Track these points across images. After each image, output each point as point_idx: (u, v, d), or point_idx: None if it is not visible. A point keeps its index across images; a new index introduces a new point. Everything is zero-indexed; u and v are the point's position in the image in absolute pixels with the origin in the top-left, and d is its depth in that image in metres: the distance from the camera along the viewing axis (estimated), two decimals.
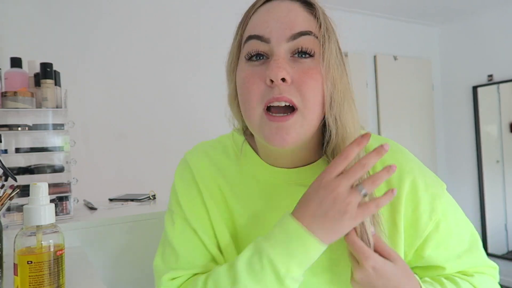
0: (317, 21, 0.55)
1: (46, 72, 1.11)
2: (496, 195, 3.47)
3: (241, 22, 0.60)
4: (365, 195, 0.50)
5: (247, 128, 0.66)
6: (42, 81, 1.10)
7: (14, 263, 0.60)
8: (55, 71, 1.14)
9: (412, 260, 0.62)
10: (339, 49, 0.58)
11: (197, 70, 2.55)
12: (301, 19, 0.54)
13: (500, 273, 3.31)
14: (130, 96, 2.34)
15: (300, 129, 0.53)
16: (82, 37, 2.21)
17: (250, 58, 0.56)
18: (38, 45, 2.08)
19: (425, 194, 0.60)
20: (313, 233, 0.50)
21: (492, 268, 0.66)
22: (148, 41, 2.41)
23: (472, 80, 3.53)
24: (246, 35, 0.57)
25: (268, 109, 0.54)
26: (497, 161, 3.47)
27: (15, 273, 0.59)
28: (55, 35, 2.14)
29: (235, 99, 0.61)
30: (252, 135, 0.66)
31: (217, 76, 2.71)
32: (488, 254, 3.40)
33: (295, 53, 0.54)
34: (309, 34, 0.54)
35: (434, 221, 0.61)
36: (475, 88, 3.50)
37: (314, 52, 0.54)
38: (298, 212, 0.52)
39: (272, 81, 0.52)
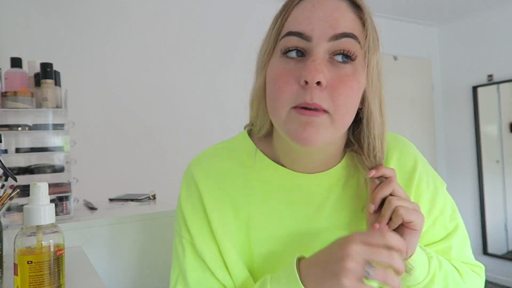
0: (364, 26, 0.52)
1: (46, 72, 1.11)
2: (496, 195, 3.47)
3: (280, 15, 0.55)
4: (367, 276, 0.45)
5: (258, 131, 0.64)
6: (42, 81, 1.10)
7: (14, 263, 0.60)
8: (55, 71, 1.14)
9: None
10: (380, 61, 0.55)
11: (197, 70, 2.55)
12: (346, 20, 0.51)
13: (500, 273, 3.34)
14: (130, 96, 2.35)
15: (327, 131, 0.51)
16: (82, 37, 2.21)
17: (286, 52, 0.53)
18: (38, 45, 2.08)
19: (426, 190, 0.63)
20: (305, 285, 0.48)
21: (479, 268, 0.67)
22: (148, 41, 2.41)
23: (472, 80, 3.53)
24: (285, 30, 0.53)
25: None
26: (497, 161, 3.47)
27: (15, 273, 0.59)
28: (55, 35, 2.14)
29: (262, 95, 0.58)
30: (263, 139, 0.65)
31: (217, 77, 2.72)
32: (488, 254, 3.40)
33: (335, 55, 0.51)
34: (352, 37, 0.51)
35: (432, 218, 0.63)
36: (475, 88, 3.50)
37: (356, 57, 0.51)
38: (309, 259, 0.51)
39: (306, 82, 0.49)
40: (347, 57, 0.51)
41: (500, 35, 3.33)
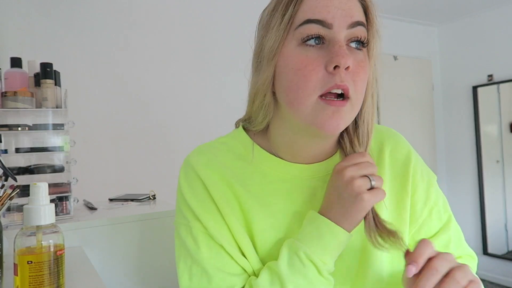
0: (368, 16, 0.56)
1: (46, 72, 1.11)
2: (496, 195, 3.47)
3: (290, 4, 0.54)
4: (373, 185, 0.54)
5: (260, 124, 0.64)
6: (42, 81, 1.10)
7: (14, 263, 0.60)
8: (55, 71, 1.14)
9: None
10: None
11: (197, 70, 2.55)
12: (357, 8, 0.54)
13: (500, 273, 3.34)
14: (130, 96, 2.35)
15: (348, 117, 0.55)
16: (82, 37, 2.21)
17: (307, 40, 0.53)
18: (38, 45, 2.08)
19: (421, 181, 0.65)
20: (339, 224, 0.55)
21: (472, 259, 0.69)
22: (148, 42, 2.41)
23: (472, 80, 3.53)
24: (301, 18, 0.53)
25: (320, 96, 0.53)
26: (497, 161, 3.47)
27: (15, 273, 0.59)
28: (55, 35, 2.14)
29: (269, 87, 0.58)
30: (258, 134, 0.65)
31: (217, 77, 2.71)
32: (488, 254, 3.40)
33: (351, 42, 0.54)
34: (363, 26, 0.54)
35: (428, 208, 0.65)
36: (475, 88, 3.50)
37: (367, 44, 0.55)
38: (323, 208, 0.57)
39: (335, 68, 0.51)
40: (361, 43, 0.55)
41: (500, 35, 3.33)
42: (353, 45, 0.54)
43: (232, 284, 0.58)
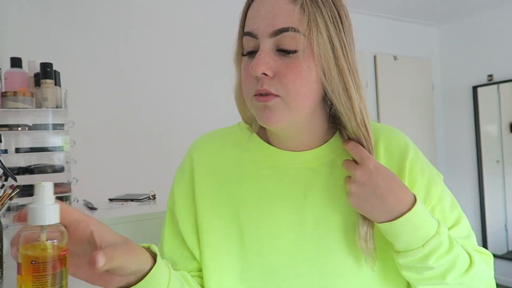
0: (304, 13, 0.54)
1: (46, 72, 1.10)
2: (496, 195, 3.47)
3: (241, 17, 0.61)
4: None
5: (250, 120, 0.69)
6: (42, 81, 1.10)
7: (18, 263, 0.59)
8: (55, 71, 1.14)
9: None
10: (341, 38, 0.56)
11: (197, 70, 2.55)
12: (284, 14, 0.54)
13: (500, 273, 3.33)
14: (130, 96, 2.34)
15: (284, 112, 0.56)
16: (82, 37, 2.21)
17: (244, 54, 0.60)
18: (38, 45, 2.07)
19: (421, 176, 0.63)
20: None
21: (488, 256, 0.67)
22: (148, 42, 2.41)
23: (472, 80, 3.53)
24: (243, 30, 0.60)
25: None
26: (497, 161, 3.47)
27: (19, 273, 0.59)
28: (55, 35, 2.13)
29: (240, 91, 0.64)
30: (261, 127, 0.67)
31: (217, 77, 2.71)
32: None
33: (278, 50, 0.55)
34: (291, 31, 0.54)
35: (429, 206, 0.63)
36: (475, 88, 3.50)
37: (295, 49, 0.54)
38: None
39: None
40: (287, 51, 0.55)
41: (500, 35, 3.34)
42: (282, 51, 0.55)
43: (174, 264, 0.64)
